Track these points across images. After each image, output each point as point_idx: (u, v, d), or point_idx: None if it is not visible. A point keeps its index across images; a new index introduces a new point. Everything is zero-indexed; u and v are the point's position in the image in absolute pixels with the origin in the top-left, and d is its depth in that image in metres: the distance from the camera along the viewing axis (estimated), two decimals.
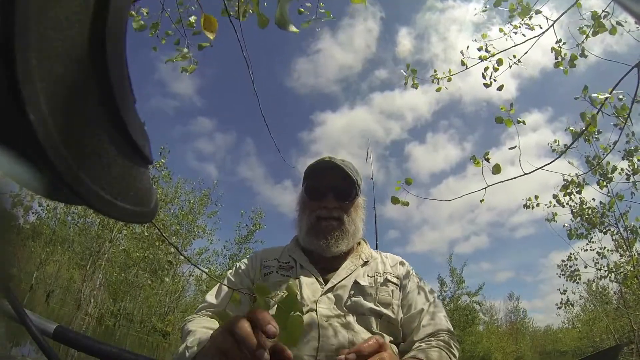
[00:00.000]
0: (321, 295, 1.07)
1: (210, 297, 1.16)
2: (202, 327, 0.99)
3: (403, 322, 1.10)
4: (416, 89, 3.13)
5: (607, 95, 2.39)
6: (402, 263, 1.26)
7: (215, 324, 1.01)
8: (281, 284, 1.11)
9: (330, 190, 1.19)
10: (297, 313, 0.70)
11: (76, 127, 0.20)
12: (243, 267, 1.23)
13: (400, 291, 1.15)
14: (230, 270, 1.25)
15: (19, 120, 0.17)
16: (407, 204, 2.88)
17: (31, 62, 0.17)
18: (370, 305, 1.07)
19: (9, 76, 0.17)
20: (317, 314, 1.02)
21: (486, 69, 2.99)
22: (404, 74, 3.12)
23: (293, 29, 1.03)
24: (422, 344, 1.01)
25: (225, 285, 1.17)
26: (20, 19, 0.17)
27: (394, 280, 1.17)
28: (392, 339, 1.06)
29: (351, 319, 1.03)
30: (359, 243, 1.29)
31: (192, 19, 2.48)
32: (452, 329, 1.09)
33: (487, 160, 2.68)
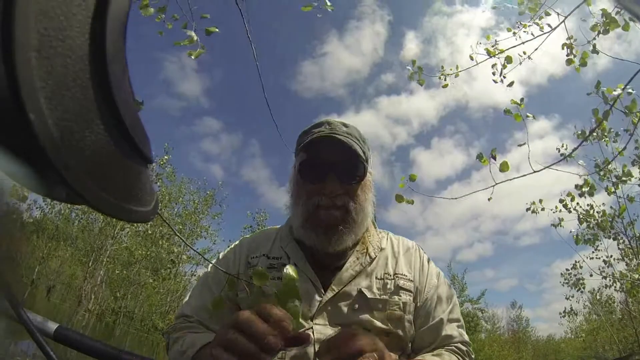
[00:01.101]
0: (318, 309, 0.91)
1: (187, 307, 1.02)
2: (190, 331, 0.92)
3: (418, 334, 0.96)
4: (422, 85, 3.10)
5: (620, 91, 2.36)
6: (417, 255, 1.07)
7: (199, 328, 0.95)
8: (270, 289, 0.83)
9: (331, 169, 0.94)
10: (296, 302, 0.64)
11: (76, 127, 0.20)
12: (225, 265, 1.03)
13: (415, 299, 0.98)
14: (212, 264, 1.06)
15: (19, 120, 0.17)
16: (412, 202, 2.85)
17: (31, 62, 0.17)
18: (378, 323, 0.91)
19: (9, 76, 0.16)
20: (313, 333, 0.87)
21: (493, 65, 2.97)
22: (409, 69, 3.09)
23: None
24: (435, 348, 0.94)
25: (203, 291, 1.03)
26: (21, 18, 0.16)
27: (408, 285, 0.98)
28: (400, 353, 0.94)
29: None
30: (367, 229, 1.05)
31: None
32: (468, 340, 0.98)
33: (494, 157, 2.63)
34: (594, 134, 3.20)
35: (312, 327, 0.88)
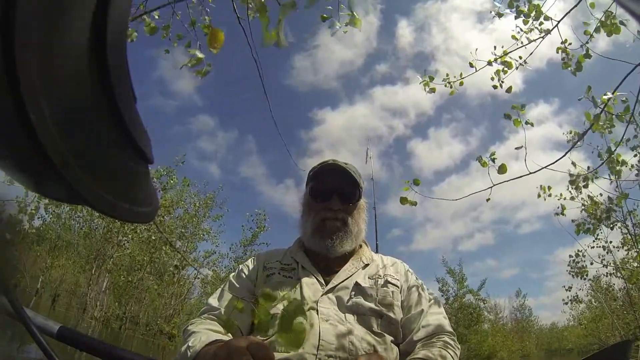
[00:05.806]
0: (322, 295, 1.09)
1: (213, 301, 1.16)
2: (205, 328, 1.01)
3: (403, 322, 1.11)
4: (434, 92, 3.23)
5: (610, 96, 2.42)
6: (402, 266, 1.28)
7: (217, 327, 1.04)
8: (283, 284, 1.13)
9: (335, 192, 1.22)
10: (301, 320, 0.67)
11: (77, 127, 0.20)
12: (245, 270, 1.24)
13: (400, 293, 1.17)
14: (233, 273, 1.26)
15: (19, 120, 0.17)
16: (415, 203, 2.96)
17: (31, 62, 0.17)
18: (371, 305, 1.09)
19: (10, 76, 0.17)
20: (317, 313, 1.03)
21: (497, 72, 3.07)
22: (420, 79, 3.20)
23: (285, 43, 1.08)
24: (424, 345, 1.03)
25: (226, 290, 1.18)
26: (21, 19, 0.16)
27: (395, 282, 1.18)
28: (392, 338, 1.08)
29: (352, 319, 1.05)
30: (360, 246, 1.31)
31: (207, 18, 2.51)
32: (452, 330, 1.11)
33: (494, 160, 2.76)
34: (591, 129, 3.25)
35: (317, 309, 1.05)
